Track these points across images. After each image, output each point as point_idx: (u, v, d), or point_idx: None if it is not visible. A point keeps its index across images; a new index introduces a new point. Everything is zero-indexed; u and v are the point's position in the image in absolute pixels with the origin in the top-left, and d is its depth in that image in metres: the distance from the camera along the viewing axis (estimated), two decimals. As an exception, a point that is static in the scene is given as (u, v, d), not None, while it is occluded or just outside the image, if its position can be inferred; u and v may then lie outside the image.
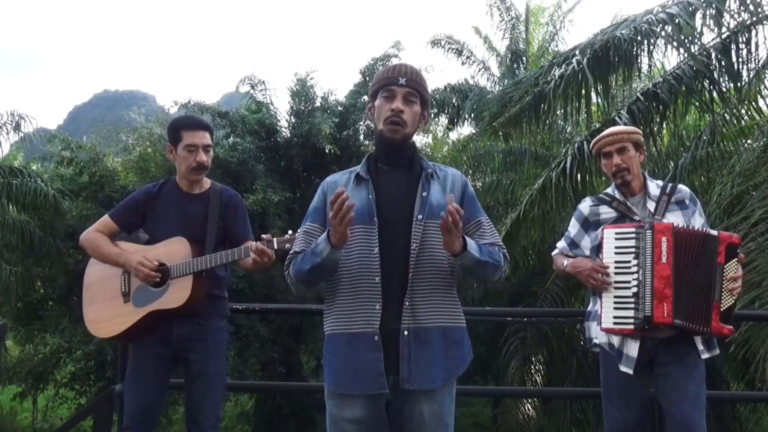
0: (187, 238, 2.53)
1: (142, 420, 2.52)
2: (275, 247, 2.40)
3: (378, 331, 1.77)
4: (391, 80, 1.85)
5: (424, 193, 1.86)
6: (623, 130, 2.59)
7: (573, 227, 2.62)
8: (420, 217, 1.82)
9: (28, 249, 10.70)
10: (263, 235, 2.44)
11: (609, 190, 2.60)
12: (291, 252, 1.96)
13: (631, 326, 2.33)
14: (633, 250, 2.35)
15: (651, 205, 2.47)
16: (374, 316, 1.78)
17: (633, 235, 2.35)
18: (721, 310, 2.32)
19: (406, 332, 1.78)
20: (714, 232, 2.37)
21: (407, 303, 1.79)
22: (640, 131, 2.63)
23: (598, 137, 2.59)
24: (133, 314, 2.51)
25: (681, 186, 2.55)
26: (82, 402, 11.62)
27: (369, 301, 1.79)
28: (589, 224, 2.56)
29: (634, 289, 2.33)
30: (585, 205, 2.61)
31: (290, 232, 2.37)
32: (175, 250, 2.52)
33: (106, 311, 2.58)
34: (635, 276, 2.34)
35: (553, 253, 2.71)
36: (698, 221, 2.48)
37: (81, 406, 11.37)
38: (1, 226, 10.10)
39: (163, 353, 2.54)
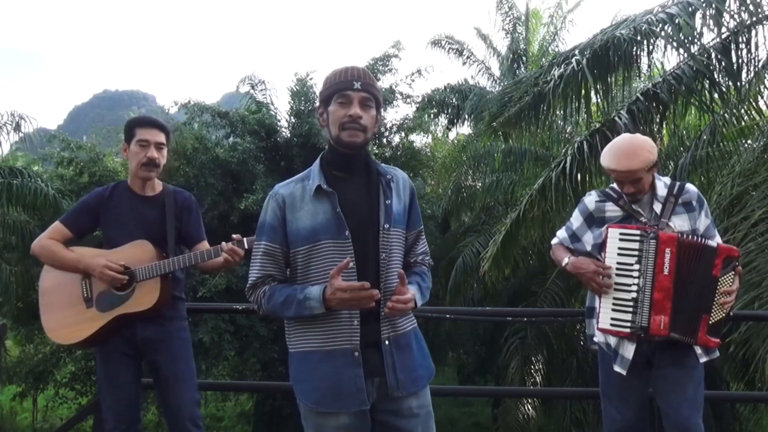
0: (147, 240, 2.51)
1: (127, 419, 2.51)
2: (246, 246, 2.38)
3: (358, 347, 1.76)
4: (346, 85, 1.80)
5: (388, 201, 1.84)
6: (638, 166, 2.29)
7: (576, 220, 2.54)
8: (387, 226, 1.82)
9: (28, 249, 10.66)
10: (233, 235, 2.42)
11: (616, 185, 2.48)
12: (253, 277, 1.86)
13: (627, 330, 2.32)
14: (636, 252, 2.32)
15: (657, 207, 2.40)
16: (354, 332, 1.77)
17: (637, 238, 2.33)
18: (710, 323, 2.30)
19: (387, 341, 1.79)
20: (713, 244, 2.33)
21: (383, 312, 1.78)
22: (655, 154, 2.34)
23: (609, 159, 2.36)
24: (98, 319, 2.48)
25: (689, 186, 2.46)
26: (82, 402, 11.60)
27: (347, 317, 1.77)
28: (594, 220, 2.49)
29: (634, 294, 2.32)
30: (591, 200, 2.51)
31: None
32: (138, 252, 2.49)
33: (68, 318, 2.52)
34: (636, 281, 2.32)
35: (552, 242, 2.65)
36: (704, 223, 2.43)
37: (81, 406, 11.36)
38: (1, 226, 10.10)
39: (129, 353, 2.52)
